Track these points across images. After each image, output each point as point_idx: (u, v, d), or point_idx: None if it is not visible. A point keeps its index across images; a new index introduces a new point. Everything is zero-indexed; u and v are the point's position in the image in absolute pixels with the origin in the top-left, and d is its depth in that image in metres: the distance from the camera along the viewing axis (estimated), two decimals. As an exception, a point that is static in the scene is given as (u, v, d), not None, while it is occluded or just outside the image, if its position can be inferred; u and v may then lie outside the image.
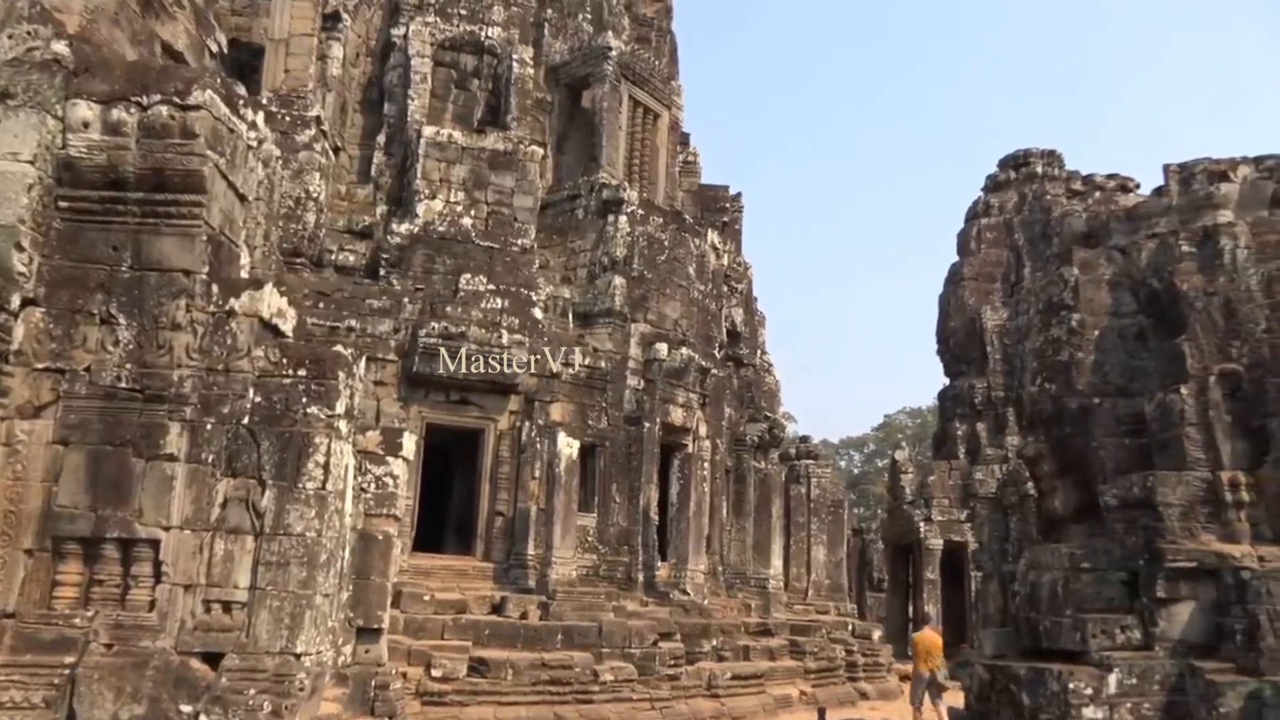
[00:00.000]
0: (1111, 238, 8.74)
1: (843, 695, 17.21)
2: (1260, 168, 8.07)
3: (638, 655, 13.36)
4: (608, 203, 16.91)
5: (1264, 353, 7.51)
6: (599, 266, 16.71)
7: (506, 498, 14.91)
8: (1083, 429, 8.32)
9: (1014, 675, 7.72)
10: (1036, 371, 8.83)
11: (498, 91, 17.76)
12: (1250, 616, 6.93)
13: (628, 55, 18.30)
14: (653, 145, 19.05)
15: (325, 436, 6.65)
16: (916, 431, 57.03)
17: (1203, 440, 7.67)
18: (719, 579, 18.03)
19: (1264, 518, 7.46)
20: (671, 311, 17.05)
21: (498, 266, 15.52)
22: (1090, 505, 8.45)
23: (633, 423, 15.96)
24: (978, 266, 26.08)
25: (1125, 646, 7.53)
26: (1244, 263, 7.71)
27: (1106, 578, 7.85)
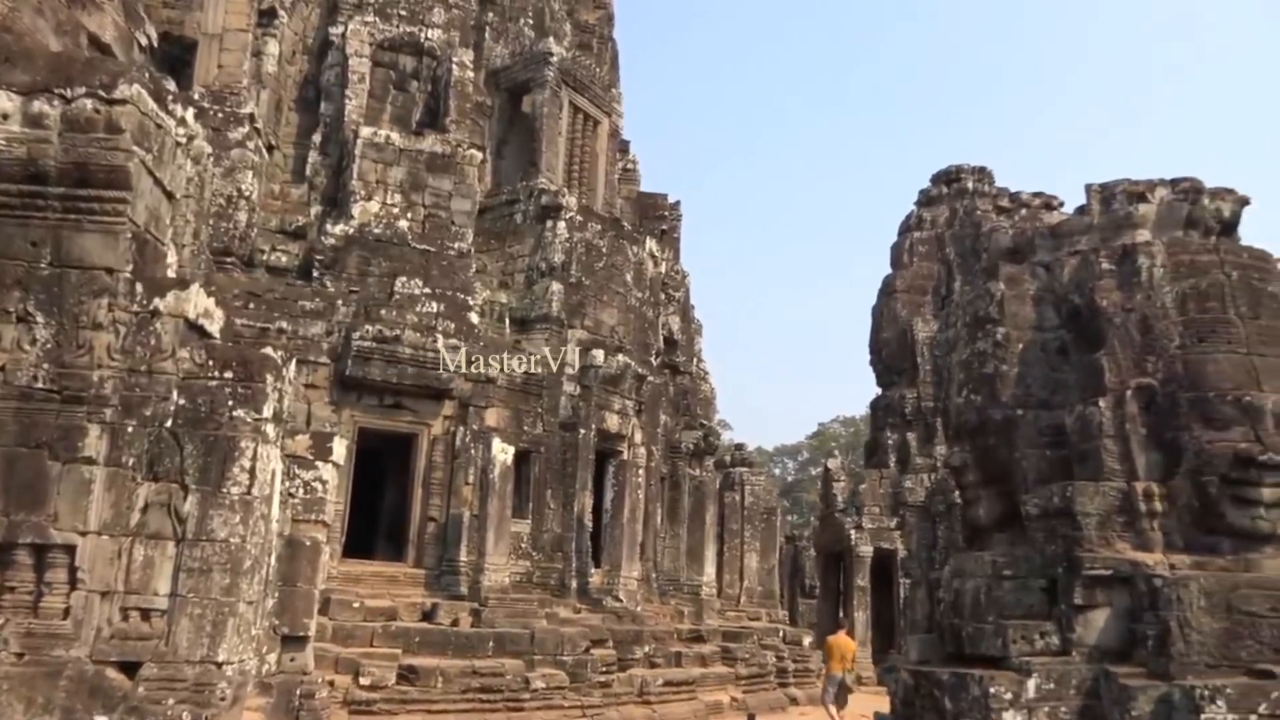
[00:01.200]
0: (1036, 254, 8.99)
1: (773, 701, 17.38)
2: (1176, 190, 8.38)
3: (570, 662, 13.33)
4: (546, 208, 16.89)
5: (1177, 368, 7.78)
6: (537, 272, 16.68)
7: (439, 503, 14.78)
8: (1006, 440, 8.53)
9: (937, 680, 7.86)
10: (963, 383, 9.04)
11: (437, 94, 17.62)
12: (1162, 622, 7.16)
13: (569, 61, 18.31)
14: (592, 152, 19.08)
15: (252, 440, 6.53)
16: (850, 440, 57.86)
17: (1119, 452, 7.91)
18: (652, 586, 18.08)
19: (1175, 527, 7.71)
20: (609, 318, 17.08)
21: (434, 270, 15.40)
22: (1013, 514, 8.65)
23: (568, 429, 15.94)
24: (910, 279, 26.58)
25: (1044, 652, 7.71)
26: (1160, 281, 7.99)
27: (1027, 585, 8.04)
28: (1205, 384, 7.67)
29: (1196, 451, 7.57)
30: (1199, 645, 7.10)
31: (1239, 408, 7.51)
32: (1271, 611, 7.10)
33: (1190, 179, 8.38)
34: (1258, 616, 7.10)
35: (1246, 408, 7.51)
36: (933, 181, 28.08)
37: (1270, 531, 7.54)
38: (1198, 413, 7.65)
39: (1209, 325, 7.82)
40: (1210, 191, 8.38)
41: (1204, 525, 7.68)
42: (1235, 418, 7.52)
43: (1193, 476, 7.60)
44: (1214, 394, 7.58)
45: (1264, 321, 7.78)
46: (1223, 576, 7.28)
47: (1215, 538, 7.65)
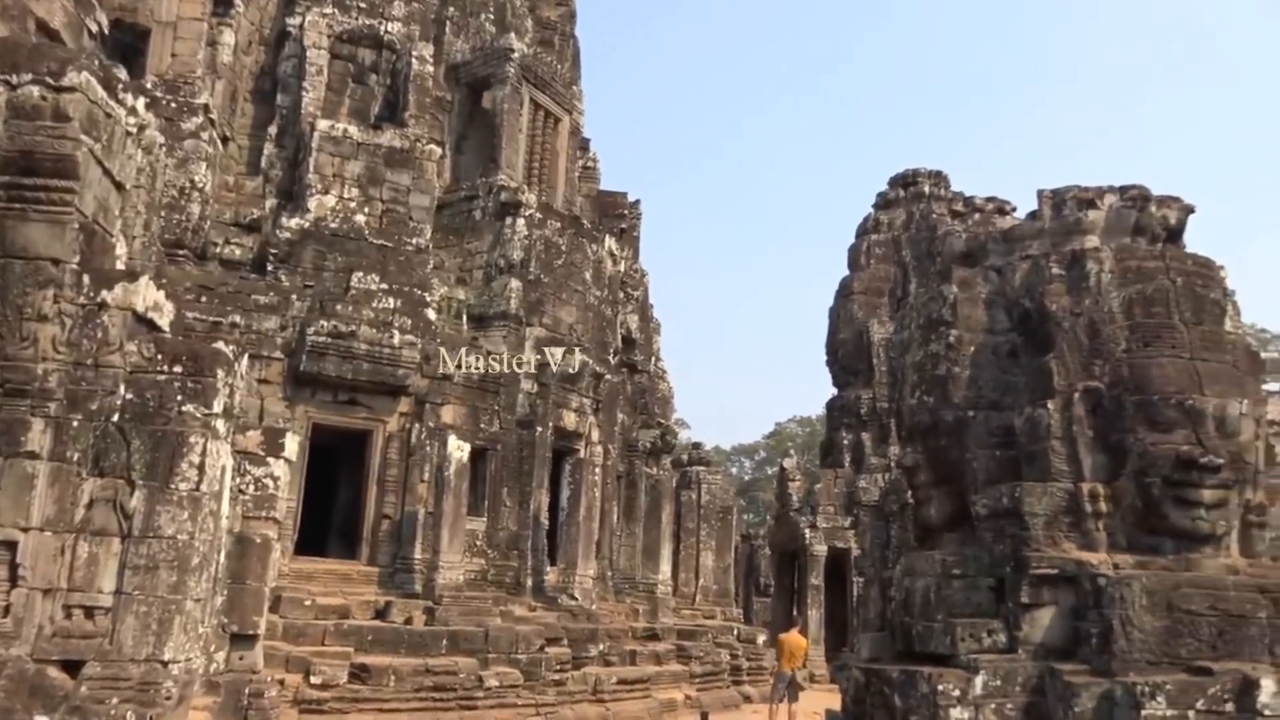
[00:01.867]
0: (989, 258, 9.12)
1: (727, 699, 17.48)
2: (1124, 197, 8.55)
3: (524, 660, 13.29)
4: (506, 205, 16.83)
5: (1123, 372, 7.94)
6: (495, 269, 16.61)
7: (394, 501, 14.66)
8: (957, 441, 8.65)
9: (887, 678, 7.95)
10: (916, 384, 9.15)
11: (396, 88, 17.47)
12: (1105, 621, 7.30)
13: (530, 58, 18.25)
14: (553, 149, 19.03)
15: (201, 436, 6.44)
16: (806, 440, 58.28)
17: (1066, 453, 8.05)
18: (608, 584, 18.09)
19: (1119, 527, 7.87)
20: (567, 316, 17.05)
21: (391, 266, 15.27)
22: (963, 514, 8.78)
23: (525, 427, 15.89)
24: (867, 281, 26.85)
25: (991, 650, 7.83)
26: (1107, 286, 8.14)
27: (976, 584, 8.16)
28: (1150, 387, 7.83)
29: (1141, 453, 7.73)
30: (1141, 643, 7.25)
31: (1182, 411, 7.68)
32: (1210, 610, 7.27)
33: (1138, 186, 8.56)
34: (1197, 615, 7.26)
35: (1189, 411, 7.68)
36: (890, 185, 28.39)
37: (1210, 532, 7.72)
38: (1142, 415, 7.81)
39: (1154, 330, 7.98)
40: (1157, 199, 8.57)
41: (1147, 526, 7.84)
42: (1178, 421, 7.69)
43: (1137, 478, 7.76)
44: (1158, 397, 7.74)
45: (1206, 327, 7.97)
46: (1164, 576, 7.44)
47: (1158, 538, 7.81)
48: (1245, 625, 7.29)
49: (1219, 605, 7.31)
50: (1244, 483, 7.87)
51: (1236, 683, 6.88)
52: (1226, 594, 7.37)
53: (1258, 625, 7.29)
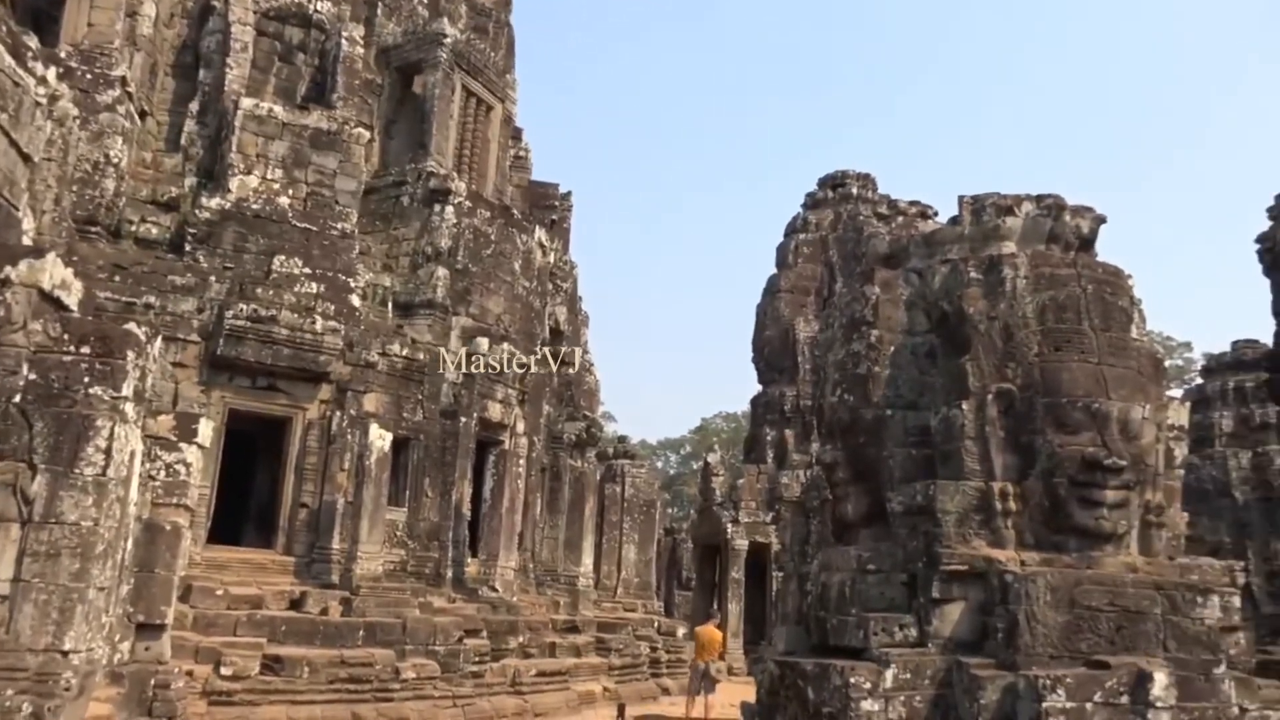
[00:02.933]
0: (910, 260, 9.30)
1: (645, 691, 17.58)
2: (1041, 205, 8.80)
3: (442, 652, 13.19)
4: (435, 192, 16.63)
5: (1035, 375, 8.17)
6: (422, 256, 16.41)
7: (313, 489, 14.41)
8: (876, 439, 8.82)
9: (802, 671, 8.07)
10: (837, 383, 9.29)
11: (324, 69, 17.13)
12: (1011, 616, 7.52)
13: (463, 44, 18.04)
14: (484, 137, 18.86)
15: (109, 419, 6.25)
16: (731, 435, 58.84)
17: (979, 453, 8.26)
18: (529, 576, 18.05)
19: (1027, 525, 8.10)
20: (494, 306, 16.94)
21: (315, 250, 14.98)
22: (879, 511, 8.95)
23: (449, 417, 15.75)
24: (794, 279, 27.19)
25: (903, 644, 8.00)
26: (1022, 291, 8.37)
27: (890, 579, 8.33)
28: (1059, 390, 8.08)
29: (1049, 454, 7.97)
30: (1044, 637, 7.48)
31: (1088, 414, 7.94)
32: (1109, 606, 7.54)
33: (1054, 196, 8.82)
34: (1097, 611, 7.53)
35: (1095, 414, 7.94)
36: (819, 185, 28.78)
37: (1112, 531, 8.00)
38: (1052, 417, 8.05)
39: (1065, 335, 8.23)
40: (1071, 208, 8.83)
41: (1053, 524, 8.08)
42: (1085, 423, 7.94)
43: (1045, 478, 8.00)
44: (1067, 400, 7.99)
45: (1114, 334, 8.24)
46: (1067, 573, 7.69)
47: (1063, 536, 8.06)
48: (1142, 621, 7.58)
49: (1118, 602, 7.59)
50: (1144, 484, 8.18)
51: (1131, 676, 7.15)
52: (1125, 591, 7.65)
53: (1153, 621, 7.58)
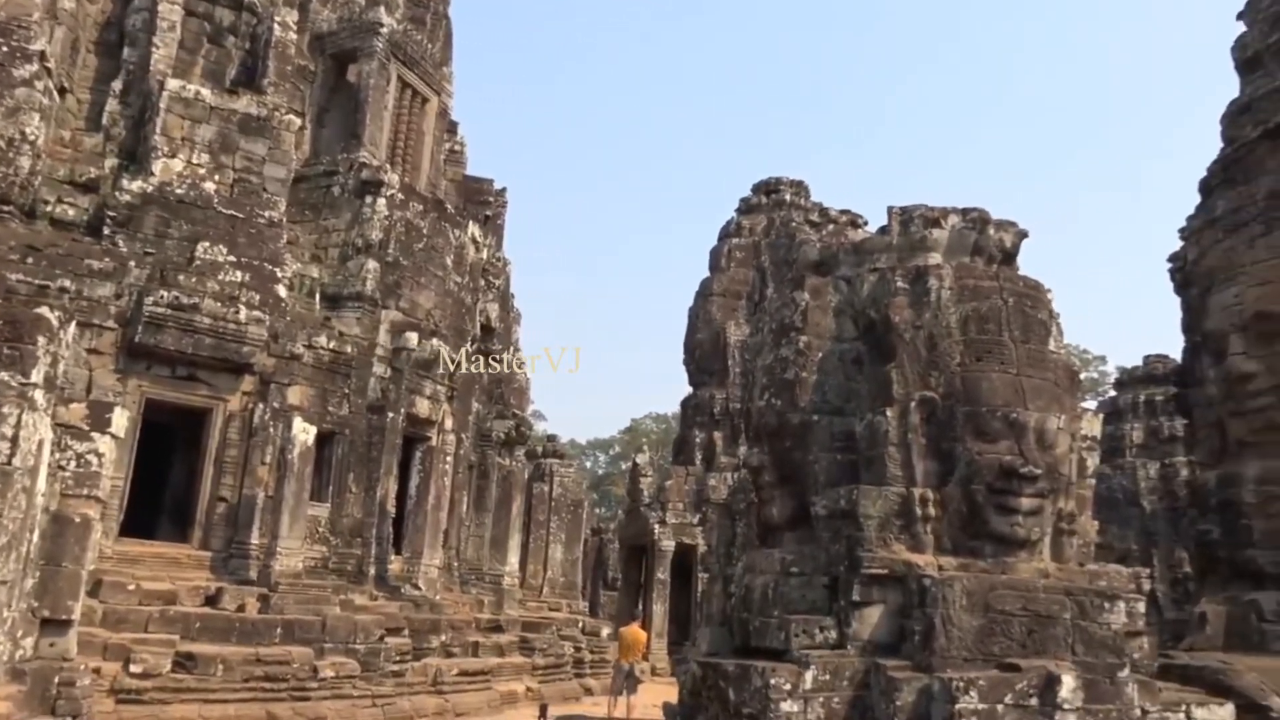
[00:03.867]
0: (840, 268, 9.46)
1: (568, 691, 17.54)
2: (966, 218, 9.02)
3: (362, 651, 12.99)
4: (367, 183, 16.37)
5: (956, 384, 8.37)
6: (352, 248, 16.13)
7: (232, 483, 14.06)
8: (802, 443, 8.95)
9: (723, 672, 8.15)
10: (765, 387, 9.40)
11: (255, 53, 16.73)
12: (928, 619, 7.69)
13: (400, 34, 17.80)
14: (419, 129, 18.63)
15: (16, 406, 6.02)
16: (661, 436, 59.07)
17: (902, 459, 8.43)
18: (454, 574, 17.88)
19: (946, 531, 8.30)
20: (425, 301, 16.74)
21: (241, 237, 14.62)
22: (804, 515, 9.08)
23: (376, 411, 15.52)
24: (726, 283, 27.40)
25: (823, 646, 8.13)
26: (946, 302, 8.57)
27: (812, 582, 8.46)
28: (980, 400, 8.29)
29: (968, 462, 8.17)
30: (959, 640, 7.66)
31: (1007, 423, 8.16)
32: (1022, 610, 7.76)
33: (979, 210, 9.04)
34: (1010, 615, 7.74)
35: (1013, 423, 8.17)
36: (753, 191, 29.07)
37: (1026, 538, 8.24)
38: (972, 426, 8.25)
39: (986, 346, 8.45)
40: (995, 223, 9.07)
41: (970, 530, 8.29)
42: (1003, 432, 8.16)
43: (963, 485, 8.20)
44: (986, 409, 8.20)
45: (1032, 346, 8.49)
46: (983, 578, 7.89)
47: (980, 542, 8.27)
48: (1052, 625, 7.81)
49: (1030, 606, 7.81)
50: (1058, 492, 8.44)
51: (1041, 679, 7.37)
52: (1037, 596, 7.88)
53: (1063, 625, 7.82)
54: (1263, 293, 10.50)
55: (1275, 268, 10.48)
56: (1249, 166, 11.55)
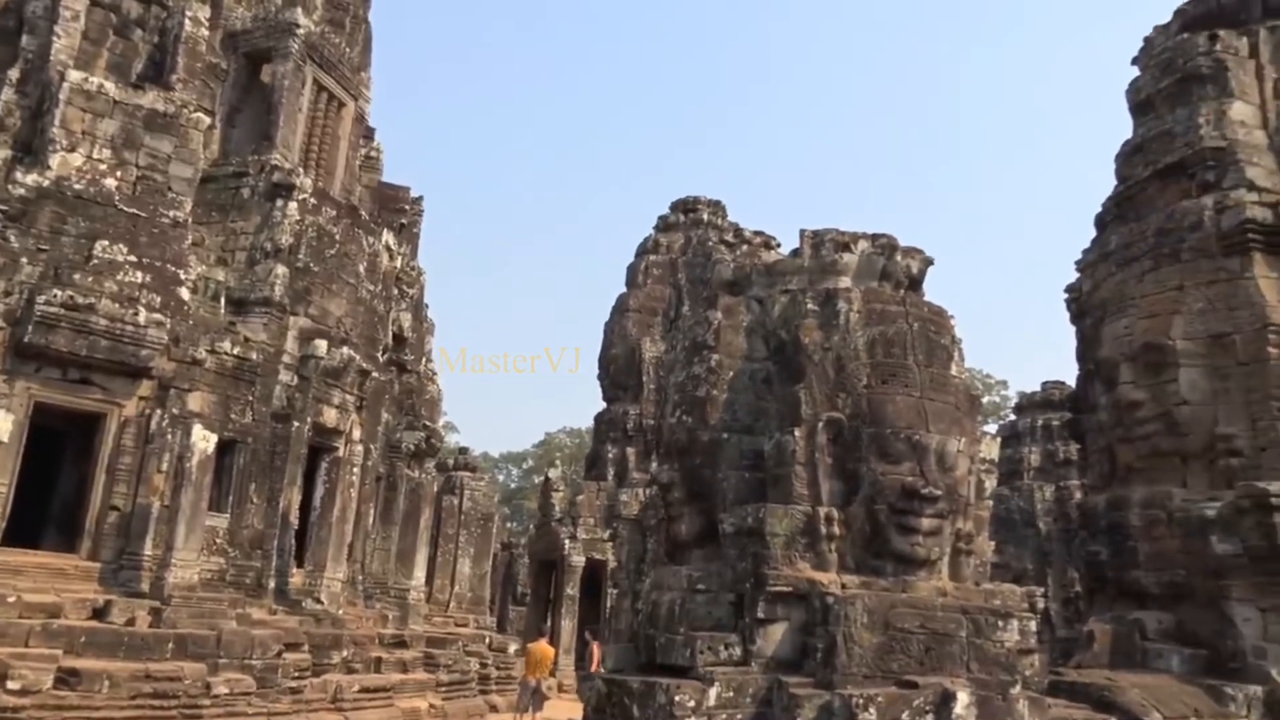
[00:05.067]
0: (752, 288, 9.58)
1: (472, 708, 17.32)
2: (875, 244, 9.23)
3: (259, 667, 12.61)
4: (278, 186, 16.01)
5: (863, 406, 8.54)
6: (261, 252, 15.74)
7: (126, 491, 13.55)
8: (711, 461, 9.01)
9: (628, 688, 8.13)
10: (677, 404, 9.46)
11: (165, 47, 16.23)
12: (830, 636, 7.80)
13: (317, 36, 17.50)
14: (334, 134, 18.32)
15: (-111, 408, 5.69)
16: (574, 451, 58.94)
17: (808, 478, 8.55)
18: (358, 588, 17.50)
19: (849, 550, 8.44)
20: (336, 308, 16.42)
21: (142, 237, 14.15)
22: (712, 532, 9.14)
23: (281, 420, 15.14)
24: (643, 300, 27.55)
25: (728, 663, 8.18)
26: (854, 325, 8.75)
27: (718, 599, 8.51)
28: (884, 421, 8.46)
29: (872, 482, 8.34)
30: (860, 658, 7.79)
31: (909, 445, 8.35)
32: (920, 628, 7.93)
33: (887, 236, 9.27)
34: (909, 633, 7.90)
35: (915, 445, 8.36)
36: (671, 209, 29.34)
37: (926, 557, 8.43)
38: (876, 447, 8.42)
39: (892, 369, 8.65)
40: (903, 249, 9.31)
41: (873, 549, 8.45)
42: (906, 454, 8.35)
43: (867, 504, 8.36)
44: (890, 431, 8.38)
45: (935, 370, 8.71)
46: (884, 596, 8.05)
47: (881, 561, 8.43)
48: (949, 643, 8.00)
49: (928, 624, 7.99)
50: (957, 513, 8.66)
51: (937, 696, 7.54)
52: (935, 614, 8.06)
53: (959, 643, 8.02)
54: (1150, 325, 10.98)
55: (1162, 301, 10.98)
56: (1140, 204, 12.09)
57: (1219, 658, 10.10)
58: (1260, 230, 10.66)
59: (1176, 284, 11.00)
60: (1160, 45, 12.59)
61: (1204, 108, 11.57)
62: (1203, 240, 10.90)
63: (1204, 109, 11.55)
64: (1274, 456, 10.24)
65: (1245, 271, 10.62)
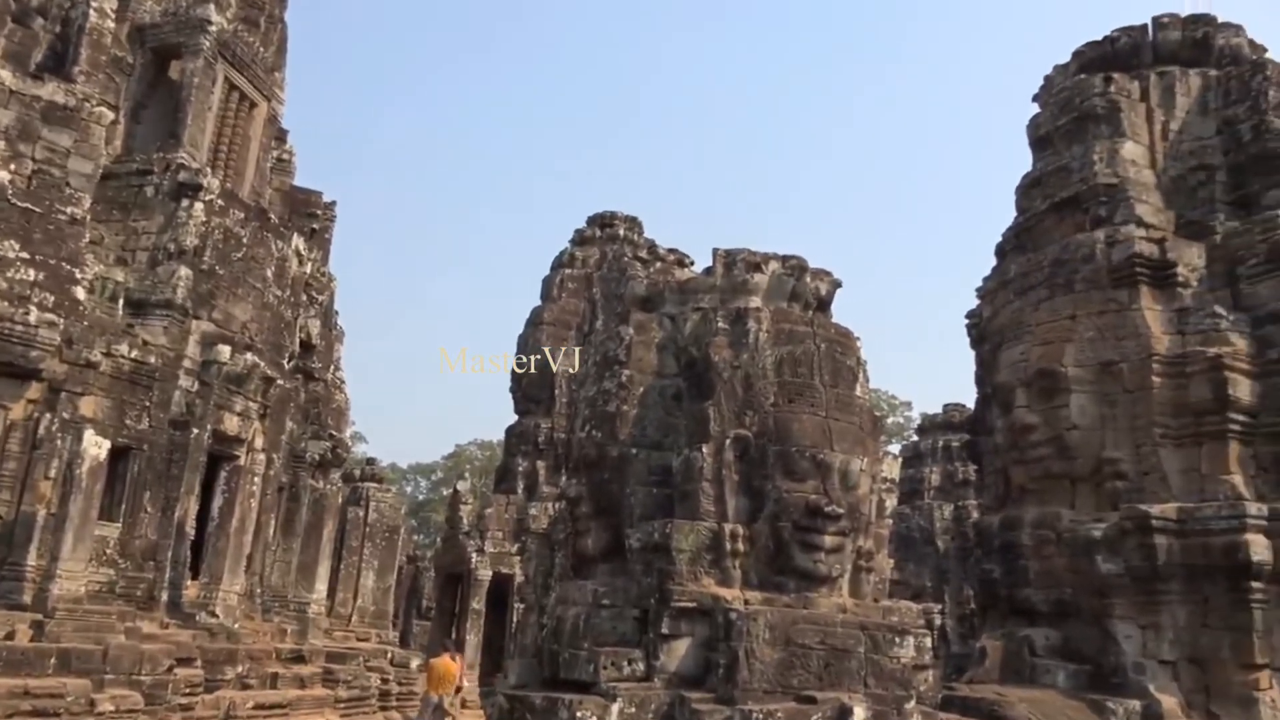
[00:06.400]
0: (665, 305, 9.69)
1: (373, 725, 16.97)
2: (786, 265, 9.44)
3: (147, 683, 12.14)
4: (184, 185, 15.54)
5: (769, 424, 8.70)
6: (164, 253, 15.24)
7: (9, 499, 12.94)
8: (620, 476, 9.07)
9: (530, 704, 8.11)
10: (587, 419, 9.49)
11: (67, 38, 15.64)
12: (732, 652, 7.90)
13: (229, 34, 17.09)
14: (245, 135, 17.88)
15: None
16: (484, 464, 58.36)
17: (715, 495, 8.67)
18: (256, 602, 17.01)
19: (753, 566, 8.58)
20: (241, 313, 15.99)
21: (37, 233, 13.58)
22: (618, 547, 9.18)
23: (179, 427, 14.66)
24: (557, 313, 27.52)
25: (631, 678, 8.21)
26: (763, 344, 8.92)
27: (623, 614, 8.55)
28: (790, 440, 8.64)
29: (777, 499, 8.49)
30: (761, 673, 7.91)
31: (814, 463, 8.54)
32: (820, 644, 8.09)
33: (797, 257, 9.49)
34: (809, 648, 8.05)
35: (820, 464, 8.55)
36: (588, 223, 29.42)
37: (827, 574, 8.61)
38: (782, 465, 8.58)
39: (798, 389, 8.84)
40: (812, 271, 9.54)
41: (776, 566, 8.60)
42: (810, 472, 8.53)
43: (771, 521, 8.51)
44: (796, 449, 8.56)
45: (841, 390, 8.93)
46: (786, 612, 8.19)
47: (784, 577, 8.58)
48: (847, 659, 8.18)
49: (828, 640, 8.16)
50: (859, 531, 8.88)
51: (835, 710, 7.70)
52: (835, 630, 8.24)
53: (857, 659, 8.21)
54: (1045, 351, 11.44)
55: (1056, 329, 11.45)
56: (1038, 235, 12.61)
57: (1102, 673, 10.53)
58: (1147, 265, 11.21)
59: (1070, 313, 11.49)
60: (1059, 85, 13.17)
61: (1098, 146, 12.13)
62: (1094, 272, 11.42)
63: (1098, 147, 12.11)
64: (1156, 480, 10.75)
65: (1133, 303, 11.16)
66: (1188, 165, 12.19)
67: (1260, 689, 9.85)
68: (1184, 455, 10.74)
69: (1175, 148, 12.36)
